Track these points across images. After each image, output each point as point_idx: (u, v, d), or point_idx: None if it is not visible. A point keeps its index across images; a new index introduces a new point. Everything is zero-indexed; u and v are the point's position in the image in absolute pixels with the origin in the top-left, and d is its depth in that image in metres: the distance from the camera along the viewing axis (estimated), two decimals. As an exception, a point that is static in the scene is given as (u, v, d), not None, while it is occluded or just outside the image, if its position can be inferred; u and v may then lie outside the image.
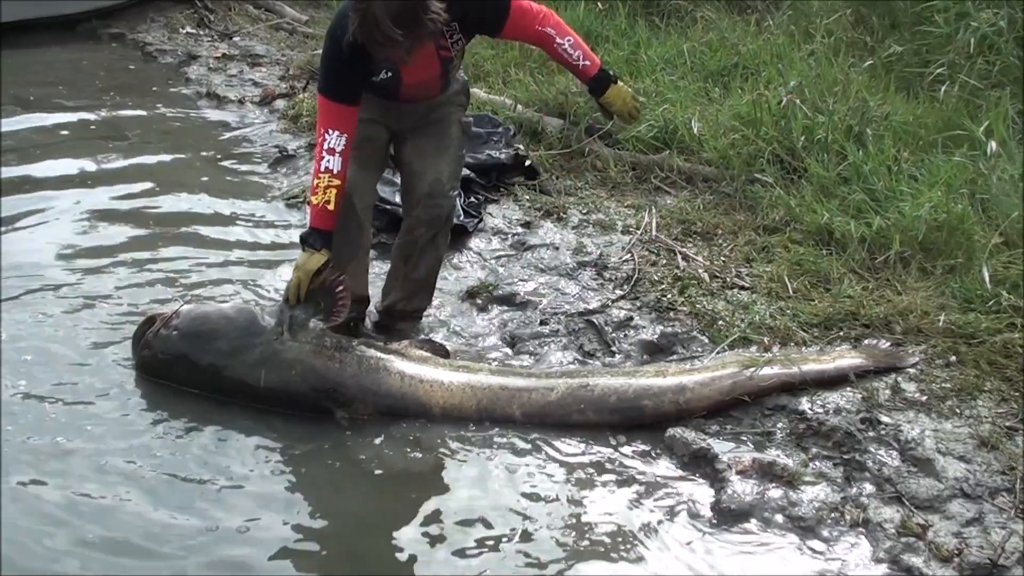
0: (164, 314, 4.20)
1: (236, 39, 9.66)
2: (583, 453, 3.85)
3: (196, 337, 4.11)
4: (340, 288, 4.15)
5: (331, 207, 4.11)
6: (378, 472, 3.77)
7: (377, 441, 3.91)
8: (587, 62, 4.38)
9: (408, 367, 4.09)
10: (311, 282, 4.10)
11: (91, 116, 7.64)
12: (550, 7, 4.38)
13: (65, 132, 7.26)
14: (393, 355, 4.15)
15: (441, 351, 4.34)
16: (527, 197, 5.87)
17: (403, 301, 4.61)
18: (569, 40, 4.32)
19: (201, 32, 10.01)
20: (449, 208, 4.47)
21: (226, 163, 6.70)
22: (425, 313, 4.76)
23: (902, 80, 6.27)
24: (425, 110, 4.41)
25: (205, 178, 6.38)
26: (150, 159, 6.70)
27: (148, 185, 6.23)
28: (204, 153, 6.85)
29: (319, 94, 4.17)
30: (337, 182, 4.10)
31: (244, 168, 6.62)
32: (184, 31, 9.99)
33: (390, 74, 4.15)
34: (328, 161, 4.09)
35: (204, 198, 6.03)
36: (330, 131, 4.10)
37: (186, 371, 4.12)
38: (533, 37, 4.33)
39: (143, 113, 7.80)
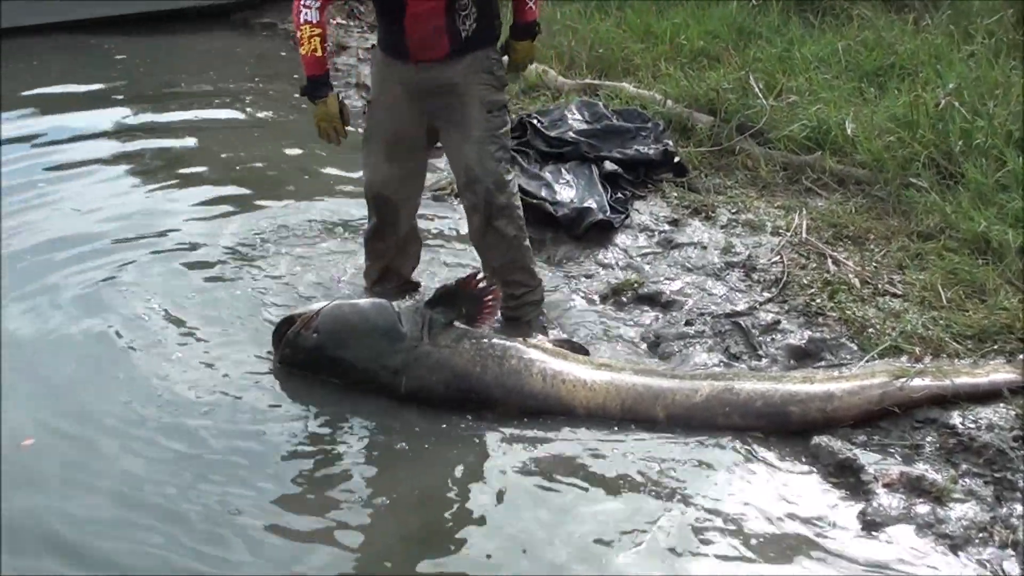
0: (304, 314, 4.24)
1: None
2: (726, 456, 3.81)
3: (336, 342, 4.16)
4: (489, 296, 4.21)
5: (319, 53, 4.40)
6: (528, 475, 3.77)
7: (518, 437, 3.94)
8: (534, 8, 4.61)
9: (550, 367, 4.09)
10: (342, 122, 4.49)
11: (236, 104, 7.91)
12: (699, 8, 4.38)
13: (210, 118, 7.49)
14: (534, 356, 4.13)
15: (580, 351, 4.34)
16: (675, 194, 5.85)
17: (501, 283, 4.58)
18: None
19: (351, 23, 10.21)
20: (486, 191, 4.45)
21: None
22: (564, 307, 4.86)
23: (1067, 84, 6.09)
24: (444, 85, 4.44)
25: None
26: (293, 150, 6.84)
27: (292, 174, 6.38)
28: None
29: None
30: (319, 31, 4.37)
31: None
32: (334, 22, 10.18)
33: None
34: (306, 14, 4.35)
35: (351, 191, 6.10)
36: None
37: (326, 371, 4.19)
38: None
39: (288, 101, 7.95)
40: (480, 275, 4.30)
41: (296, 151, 6.82)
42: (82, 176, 6.34)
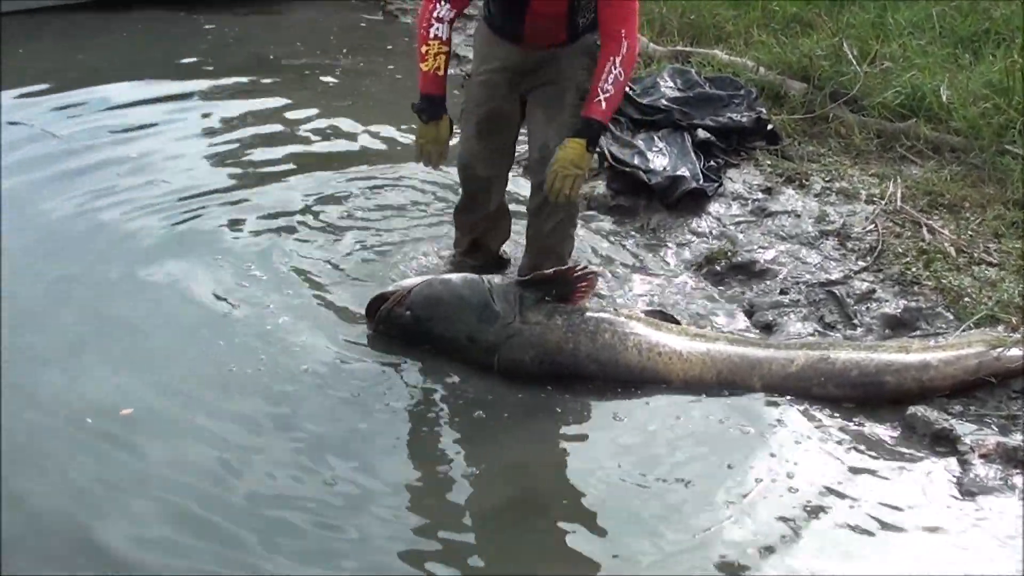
0: (397, 291, 4.23)
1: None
2: (820, 427, 3.82)
3: (429, 320, 4.16)
4: (584, 283, 4.20)
5: (441, 72, 4.25)
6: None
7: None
8: (603, 104, 4.14)
9: (644, 340, 4.08)
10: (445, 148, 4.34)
11: (327, 73, 7.96)
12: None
13: (300, 89, 7.57)
14: (628, 329, 4.12)
15: (671, 321, 4.33)
16: (768, 162, 5.85)
17: (531, 265, 4.59)
18: (620, 73, 4.13)
19: (442, -8, 10.17)
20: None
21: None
22: (658, 276, 4.88)
23: None
24: (547, 65, 4.41)
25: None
26: (384, 122, 6.89)
27: (384, 143, 6.47)
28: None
29: None
30: (446, 49, 4.24)
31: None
32: (425, -11, 10.16)
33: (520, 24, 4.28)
34: (437, 29, 4.24)
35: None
36: (441, 1, 4.25)
37: (422, 345, 4.20)
38: (609, 28, 4.18)
39: (382, 73, 8.05)
40: (579, 266, 4.29)
41: (387, 122, 6.84)
42: (175, 141, 6.45)
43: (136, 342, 4.23)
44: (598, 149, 4.38)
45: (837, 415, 3.88)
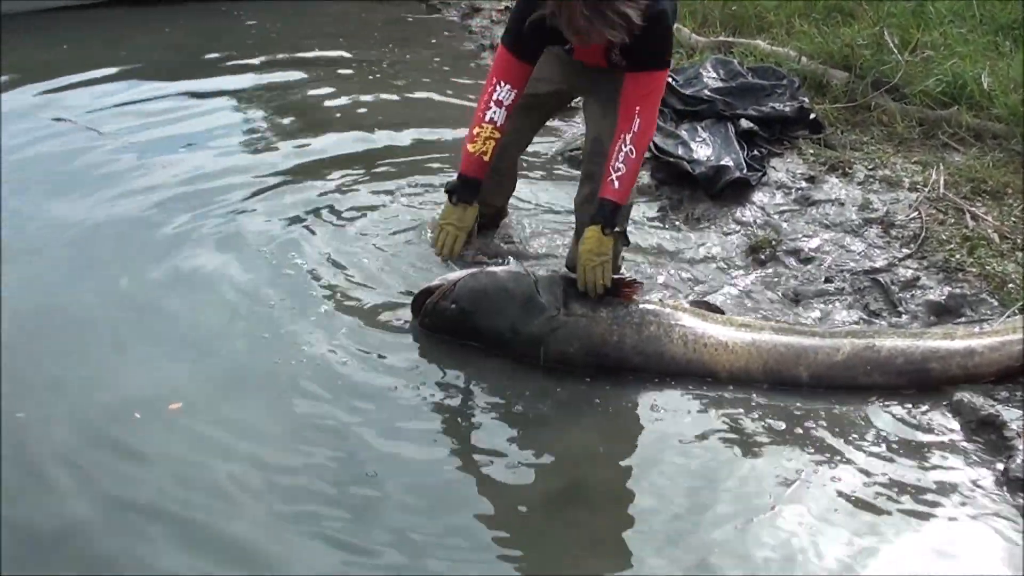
0: (442, 285, 4.22)
1: (520, -10, 9.84)
2: (865, 416, 3.87)
3: (475, 312, 4.16)
4: (628, 289, 4.22)
5: (487, 158, 4.20)
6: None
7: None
8: (616, 183, 4.12)
9: (690, 331, 4.10)
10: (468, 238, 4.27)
11: (369, 70, 7.98)
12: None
13: (342, 84, 7.61)
14: (673, 320, 4.14)
15: (716, 311, 4.34)
16: (811, 151, 5.89)
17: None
18: (631, 151, 4.11)
19: (485, -16, 10.27)
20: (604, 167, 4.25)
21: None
22: (703, 265, 4.93)
23: None
24: (599, 73, 4.38)
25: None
26: (426, 115, 6.94)
27: (423, 137, 6.51)
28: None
29: (501, 43, 4.26)
30: (497, 135, 4.19)
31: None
32: (467, -12, 10.26)
33: (567, 47, 4.26)
34: (494, 112, 4.19)
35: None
36: (502, 83, 4.20)
37: (467, 338, 4.21)
38: (626, 105, 4.14)
39: (425, 66, 8.09)
40: (626, 278, 4.30)
41: (429, 116, 6.91)
42: (217, 136, 6.50)
43: (179, 332, 4.28)
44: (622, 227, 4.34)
45: (883, 402, 3.92)
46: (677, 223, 5.39)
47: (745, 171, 5.58)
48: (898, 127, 6.02)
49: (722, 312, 4.36)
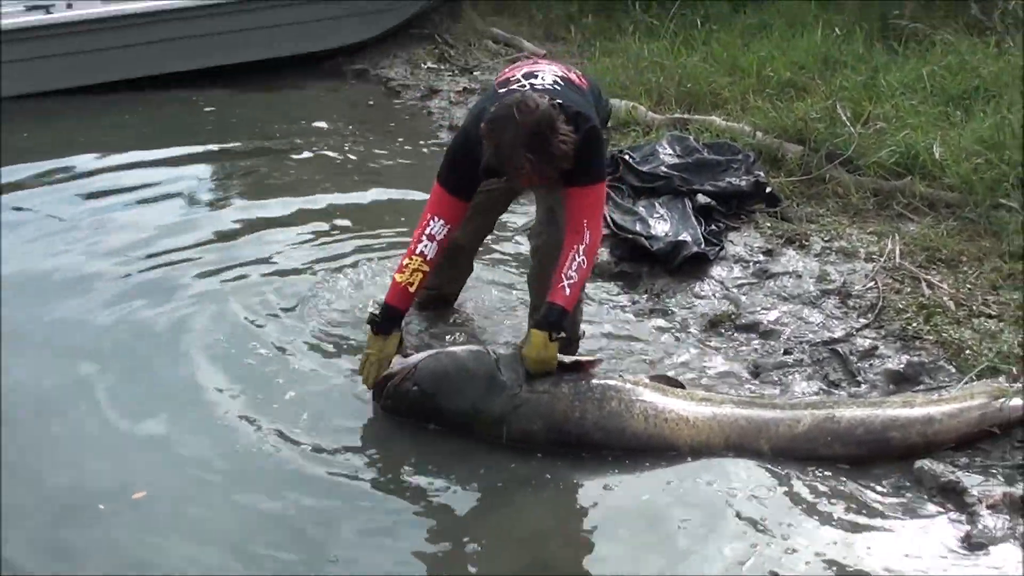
0: (403, 368, 4.23)
1: (476, 73, 10.00)
2: (829, 484, 3.86)
3: (437, 394, 4.17)
4: (588, 368, 4.24)
5: (412, 289, 4.25)
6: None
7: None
8: (567, 290, 4.14)
9: (651, 407, 4.09)
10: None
11: (332, 149, 8.08)
12: (784, 40, 4.35)
13: (304, 166, 7.70)
14: (634, 396, 4.12)
15: (677, 385, 4.32)
16: (768, 224, 5.93)
17: None
18: (583, 261, 4.16)
19: (442, 67, 10.39)
20: (560, 235, 4.31)
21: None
22: (663, 340, 4.95)
23: None
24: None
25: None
26: (391, 191, 7.03)
27: (389, 216, 6.54)
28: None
29: (436, 181, 4.29)
30: (426, 268, 4.24)
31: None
32: (425, 66, 10.39)
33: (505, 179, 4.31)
34: (425, 246, 4.23)
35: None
36: (436, 218, 4.25)
37: (428, 420, 4.22)
38: (573, 220, 4.20)
39: (384, 147, 8.17)
40: (585, 358, 4.34)
41: (391, 193, 6.99)
42: (180, 217, 6.62)
43: (139, 422, 4.30)
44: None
45: (843, 474, 3.91)
46: (636, 299, 5.40)
47: (703, 246, 5.61)
48: (853, 198, 6.07)
49: (683, 386, 4.34)
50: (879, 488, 3.84)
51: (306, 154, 7.98)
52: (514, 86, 4.18)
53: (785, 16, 8.74)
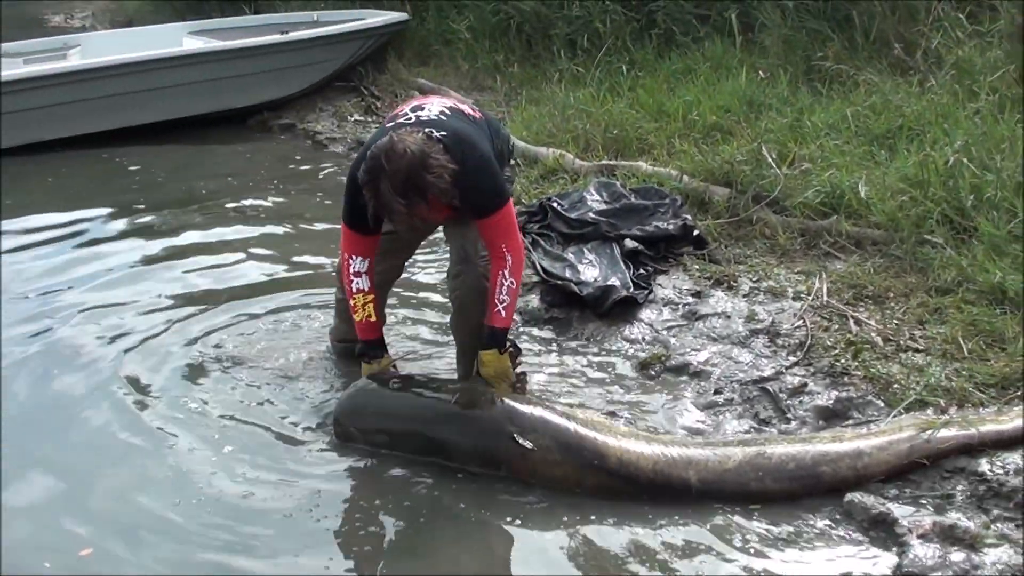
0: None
1: (404, 124, 9.97)
2: (761, 520, 3.87)
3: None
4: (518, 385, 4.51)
5: (373, 319, 4.48)
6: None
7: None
8: (503, 313, 4.32)
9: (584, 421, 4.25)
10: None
11: (259, 204, 8.11)
12: (709, 84, 4.44)
13: (227, 220, 7.73)
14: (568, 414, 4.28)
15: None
16: (696, 267, 5.94)
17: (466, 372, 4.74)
18: (511, 283, 4.30)
19: (369, 119, 10.40)
20: (476, 278, 4.47)
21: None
22: (593, 383, 4.96)
23: (1072, 133, 6.17)
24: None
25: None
26: (318, 242, 7.03)
27: (322, 270, 6.52)
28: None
29: (343, 222, 4.44)
30: (371, 297, 4.45)
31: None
32: (352, 119, 10.41)
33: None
34: (357, 282, 4.44)
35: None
36: (353, 257, 4.44)
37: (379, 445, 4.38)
38: (492, 247, 4.32)
39: (312, 200, 8.20)
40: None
41: (316, 251, 6.97)
42: (101, 277, 6.60)
43: (83, 478, 4.31)
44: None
45: (775, 509, 3.92)
46: (568, 344, 5.39)
47: (632, 290, 5.61)
48: (780, 239, 6.09)
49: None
50: (811, 522, 3.86)
51: (231, 209, 7.98)
52: (401, 119, 4.26)
53: (710, 61, 8.78)
